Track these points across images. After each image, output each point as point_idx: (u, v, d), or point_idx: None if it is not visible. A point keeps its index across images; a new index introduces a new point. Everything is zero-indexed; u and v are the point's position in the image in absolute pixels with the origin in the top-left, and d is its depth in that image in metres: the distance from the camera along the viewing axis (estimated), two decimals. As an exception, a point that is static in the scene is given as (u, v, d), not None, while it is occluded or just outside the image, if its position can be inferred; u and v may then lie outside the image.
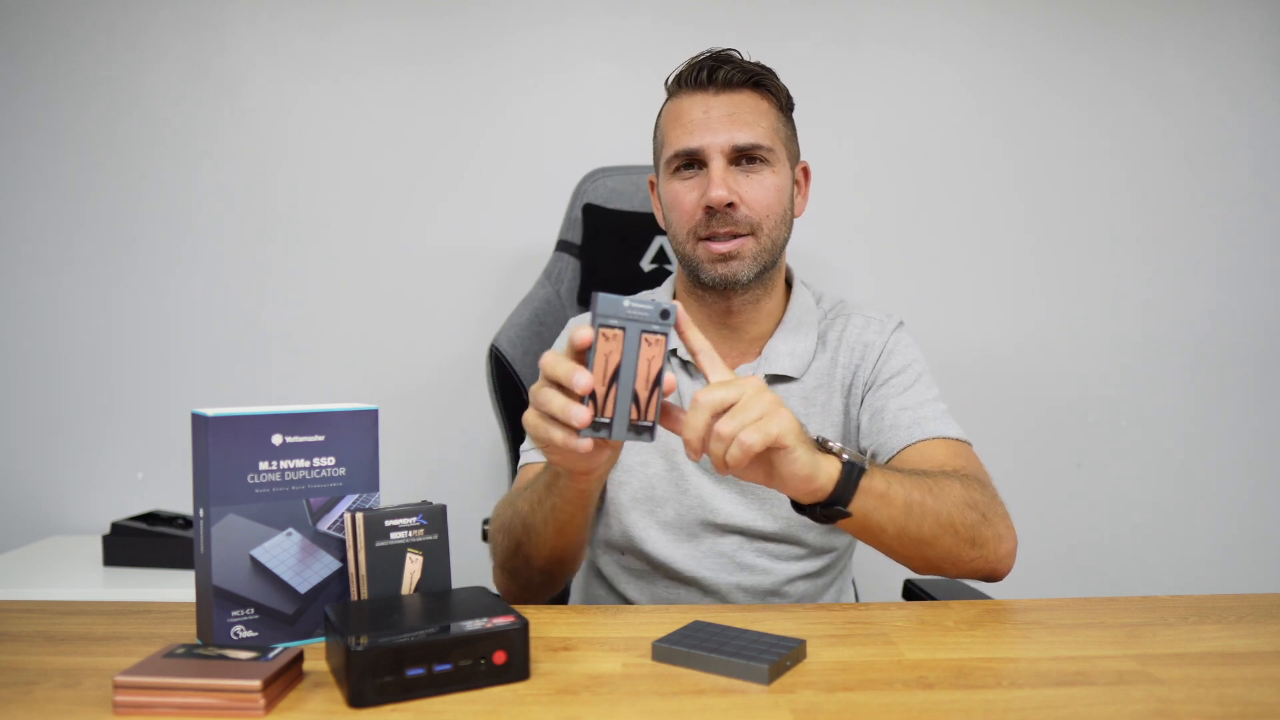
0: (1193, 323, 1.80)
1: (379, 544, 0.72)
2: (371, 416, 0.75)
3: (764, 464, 0.73)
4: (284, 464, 0.72)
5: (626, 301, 0.68)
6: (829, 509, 0.76)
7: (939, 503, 0.82)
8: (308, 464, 0.73)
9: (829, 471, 0.75)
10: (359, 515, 0.72)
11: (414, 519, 0.73)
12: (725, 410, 0.70)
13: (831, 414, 1.05)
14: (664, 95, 1.06)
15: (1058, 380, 1.80)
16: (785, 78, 1.06)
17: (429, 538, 0.74)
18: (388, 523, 0.72)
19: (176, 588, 1.38)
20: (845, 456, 0.76)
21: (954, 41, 1.77)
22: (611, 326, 0.68)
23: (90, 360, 1.75)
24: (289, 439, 0.72)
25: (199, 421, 0.71)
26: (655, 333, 0.69)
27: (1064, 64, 1.77)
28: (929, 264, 1.79)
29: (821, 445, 0.77)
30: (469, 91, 1.75)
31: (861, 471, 0.77)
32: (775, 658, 0.66)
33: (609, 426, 0.69)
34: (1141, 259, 1.80)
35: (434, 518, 0.74)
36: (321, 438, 0.73)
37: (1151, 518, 1.81)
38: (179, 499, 1.71)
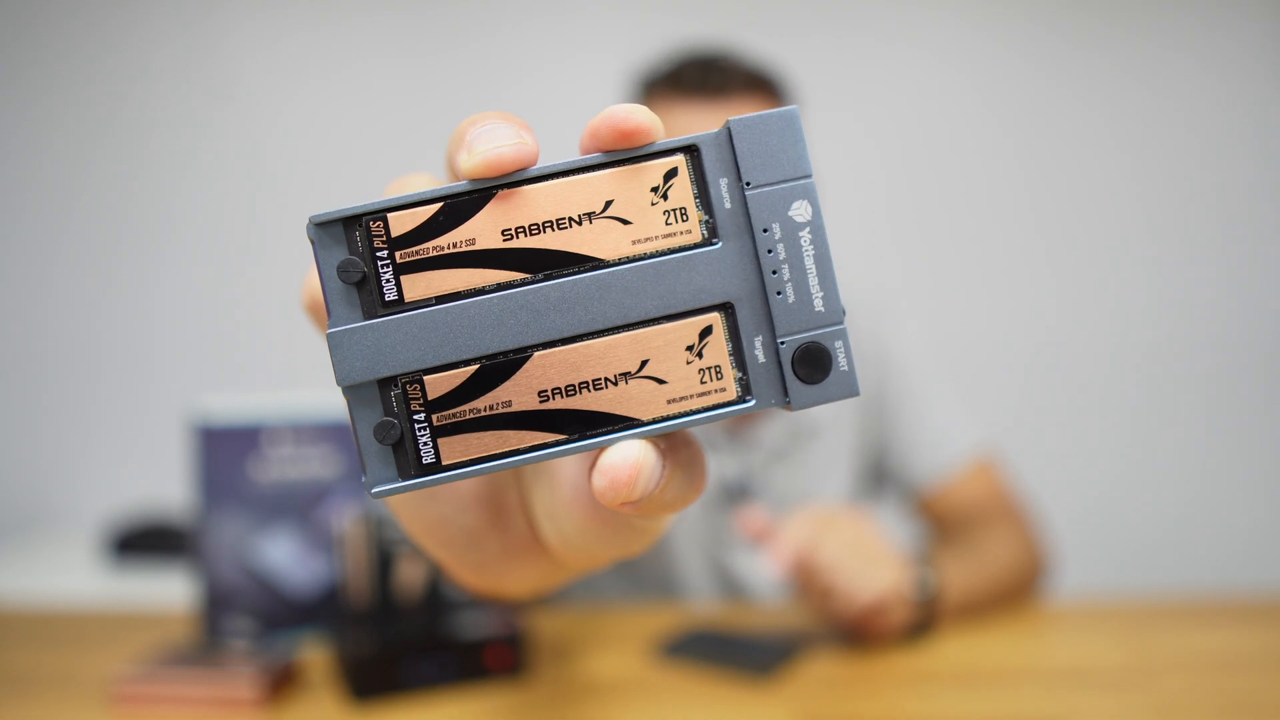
0: (1200, 319, 1.80)
1: (377, 544, 0.72)
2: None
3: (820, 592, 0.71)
4: (282, 463, 0.72)
5: None
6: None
7: (996, 580, 0.81)
8: (305, 463, 0.73)
9: (901, 616, 0.72)
10: (358, 515, 0.72)
11: (413, 519, 0.73)
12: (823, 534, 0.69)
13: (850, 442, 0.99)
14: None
15: (1062, 377, 1.80)
16: (789, 74, 0.98)
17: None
18: (386, 522, 0.72)
19: (174, 583, 1.38)
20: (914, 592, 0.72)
21: (960, 38, 1.77)
22: None
23: (86, 351, 1.75)
24: (286, 438, 0.72)
25: (197, 421, 0.71)
26: None
27: (1073, 62, 1.77)
28: (935, 263, 1.79)
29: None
30: (464, 86, 1.75)
31: (931, 614, 0.74)
32: (776, 659, 0.66)
33: None
34: (1153, 255, 1.80)
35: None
36: (319, 436, 0.73)
37: (1152, 514, 1.81)
38: (176, 492, 1.70)
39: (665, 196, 0.24)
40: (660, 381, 0.24)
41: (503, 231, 0.24)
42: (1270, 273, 1.81)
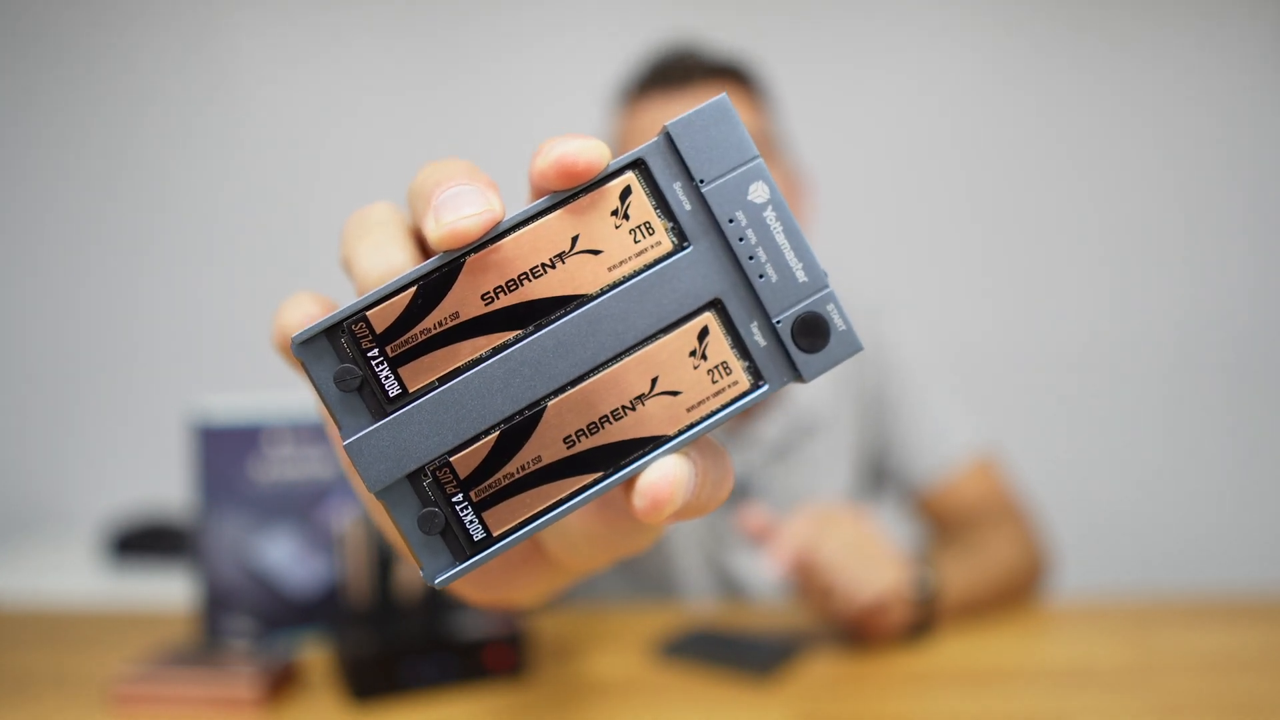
0: (1202, 318, 1.81)
1: (378, 544, 0.72)
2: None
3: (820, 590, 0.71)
4: (282, 463, 0.72)
5: None
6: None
7: (996, 580, 0.81)
8: (305, 463, 0.73)
9: (900, 615, 0.72)
10: (357, 515, 0.72)
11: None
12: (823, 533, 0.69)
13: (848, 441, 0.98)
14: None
15: (1061, 377, 1.80)
16: (784, 86, 0.98)
17: (428, 537, 0.73)
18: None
19: (174, 583, 1.38)
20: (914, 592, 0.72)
21: (967, 40, 1.77)
22: None
23: (86, 352, 1.75)
24: (286, 438, 0.72)
25: (197, 421, 0.71)
26: None
27: (1075, 66, 1.78)
28: (935, 263, 1.79)
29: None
30: (474, 96, 1.75)
31: (931, 613, 0.73)
32: (776, 659, 0.66)
33: None
34: (1156, 257, 1.80)
35: (433, 517, 0.74)
36: (319, 436, 0.73)
37: (1152, 513, 1.81)
38: (176, 492, 1.70)
39: (627, 216, 0.24)
40: (674, 394, 0.24)
41: (482, 296, 0.23)
42: (1248, 270, 1.82)
